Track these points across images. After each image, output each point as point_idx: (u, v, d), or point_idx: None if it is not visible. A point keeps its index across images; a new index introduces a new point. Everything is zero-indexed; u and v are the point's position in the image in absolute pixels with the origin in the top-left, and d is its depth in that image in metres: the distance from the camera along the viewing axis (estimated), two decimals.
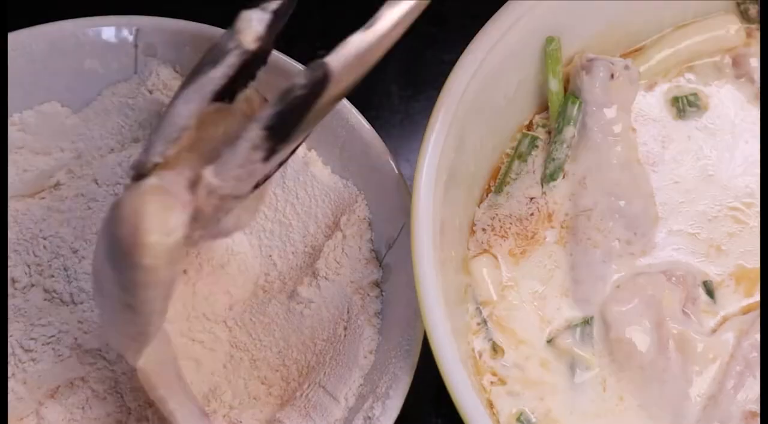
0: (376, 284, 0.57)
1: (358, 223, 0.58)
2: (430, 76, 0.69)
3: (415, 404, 0.54)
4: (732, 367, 0.50)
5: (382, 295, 0.57)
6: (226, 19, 0.61)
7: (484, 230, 0.55)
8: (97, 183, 0.60)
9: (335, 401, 0.54)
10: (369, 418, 0.52)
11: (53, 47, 0.60)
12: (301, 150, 0.60)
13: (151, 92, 0.61)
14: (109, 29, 0.61)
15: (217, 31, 0.60)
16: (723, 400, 0.50)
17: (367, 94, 0.60)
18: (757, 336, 0.51)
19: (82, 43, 0.61)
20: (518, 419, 0.51)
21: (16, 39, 0.60)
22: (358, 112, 0.58)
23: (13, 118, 0.61)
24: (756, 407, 0.50)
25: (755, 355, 0.50)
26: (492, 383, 0.51)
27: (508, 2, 0.53)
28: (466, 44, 0.52)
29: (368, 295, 0.57)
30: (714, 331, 0.52)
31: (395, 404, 0.51)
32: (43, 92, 0.61)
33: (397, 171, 0.57)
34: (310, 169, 0.60)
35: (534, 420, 0.51)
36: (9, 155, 0.60)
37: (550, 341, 0.52)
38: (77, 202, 0.59)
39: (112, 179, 0.59)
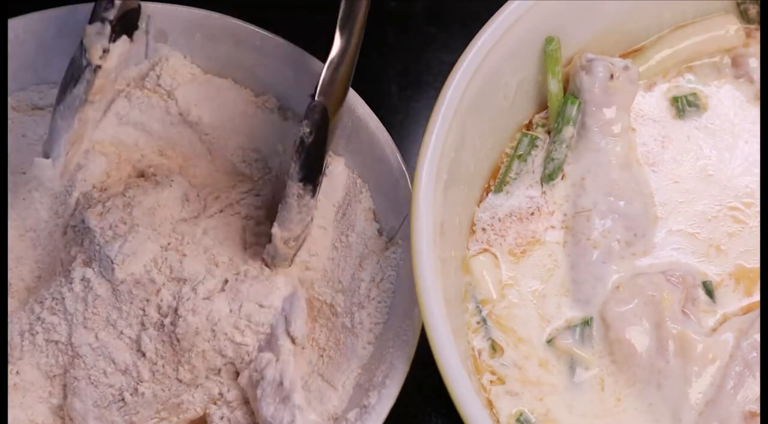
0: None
1: (364, 212, 0.58)
2: (430, 76, 0.69)
3: (415, 403, 0.54)
4: (731, 367, 0.50)
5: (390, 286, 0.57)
6: (236, 7, 0.62)
7: (484, 229, 0.55)
8: None
9: (333, 389, 0.54)
10: (365, 406, 0.52)
11: (64, 31, 0.61)
12: None
13: (159, 77, 0.61)
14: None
15: (226, 19, 0.61)
16: (723, 400, 0.50)
17: (367, 94, 0.60)
18: (757, 336, 0.51)
19: None
20: (518, 420, 0.51)
21: (27, 22, 0.60)
22: (365, 104, 0.58)
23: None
24: (756, 407, 0.50)
25: (755, 355, 0.50)
26: (491, 382, 0.52)
27: (508, 2, 0.53)
28: (466, 44, 0.52)
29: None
30: (714, 330, 0.52)
31: (391, 393, 0.51)
32: (54, 75, 0.61)
33: (401, 163, 0.57)
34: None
35: (533, 420, 0.51)
36: None
37: (549, 341, 0.52)
38: None
39: None
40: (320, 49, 0.61)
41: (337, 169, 0.60)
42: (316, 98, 0.52)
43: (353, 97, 0.59)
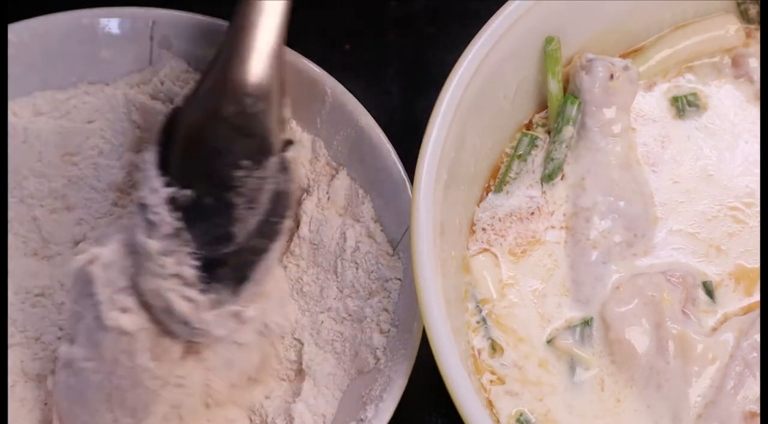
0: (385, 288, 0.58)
1: (368, 223, 0.58)
2: (430, 76, 0.69)
3: (414, 403, 0.54)
4: (732, 367, 0.50)
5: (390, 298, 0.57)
6: None
7: (484, 229, 0.55)
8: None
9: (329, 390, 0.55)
10: (361, 420, 0.52)
11: (70, 36, 0.61)
12: (310, 142, 0.61)
13: (162, 83, 0.61)
14: (126, 20, 0.62)
15: None
16: (723, 400, 0.50)
17: (367, 94, 0.60)
18: (757, 336, 0.51)
19: (98, 32, 0.61)
20: (518, 420, 0.51)
21: (32, 26, 0.60)
22: (368, 114, 0.58)
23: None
24: (756, 407, 0.50)
25: (755, 355, 0.50)
26: (491, 382, 0.52)
27: (508, 2, 0.53)
28: (466, 44, 0.52)
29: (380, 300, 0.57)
30: (714, 329, 0.52)
31: (388, 407, 0.51)
32: (57, 80, 0.61)
33: (403, 175, 0.57)
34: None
35: (533, 420, 0.51)
36: None
37: (549, 341, 0.52)
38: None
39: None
40: (323, 55, 0.61)
41: (339, 179, 0.60)
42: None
43: (356, 106, 0.58)
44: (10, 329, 0.57)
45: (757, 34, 0.59)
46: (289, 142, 0.55)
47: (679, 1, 0.59)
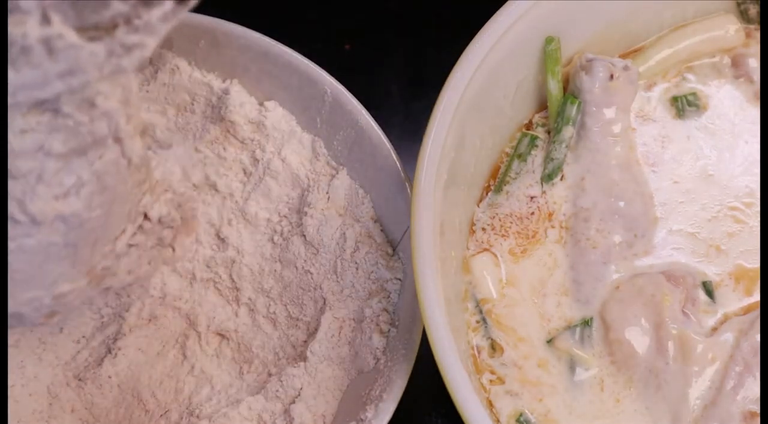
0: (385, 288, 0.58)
1: (367, 223, 0.58)
2: (430, 76, 0.69)
3: (415, 403, 0.54)
4: (731, 368, 0.50)
5: (390, 299, 0.57)
6: (241, 15, 0.62)
7: (484, 229, 0.55)
8: None
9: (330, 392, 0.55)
10: (361, 420, 0.52)
11: None
12: (310, 142, 0.61)
13: (164, 85, 0.61)
14: None
15: (231, 26, 0.60)
16: (723, 400, 0.50)
17: (367, 94, 0.60)
18: (757, 337, 0.51)
19: None
20: (518, 420, 0.51)
21: None
22: (368, 114, 0.58)
23: None
24: (756, 407, 0.50)
25: (755, 355, 0.50)
26: (491, 381, 0.52)
27: (508, 2, 0.53)
28: (466, 44, 0.52)
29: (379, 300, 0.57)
30: (714, 329, 0.52)
31: (388, 407, 0.51)
32: None
33: (402, 174, 0.57)
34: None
35: (533, 421, 0.51)
36: None
37: (549, 341, 0.52)
38: None
39: None
40: (323, 55, 0.61)
41: (339, 179, 0.60)
42: None
43: (356, 106, 0.58)
44: None
45: (757, 34, 0.59)
46: None
47: (679, 1, 0.59)
